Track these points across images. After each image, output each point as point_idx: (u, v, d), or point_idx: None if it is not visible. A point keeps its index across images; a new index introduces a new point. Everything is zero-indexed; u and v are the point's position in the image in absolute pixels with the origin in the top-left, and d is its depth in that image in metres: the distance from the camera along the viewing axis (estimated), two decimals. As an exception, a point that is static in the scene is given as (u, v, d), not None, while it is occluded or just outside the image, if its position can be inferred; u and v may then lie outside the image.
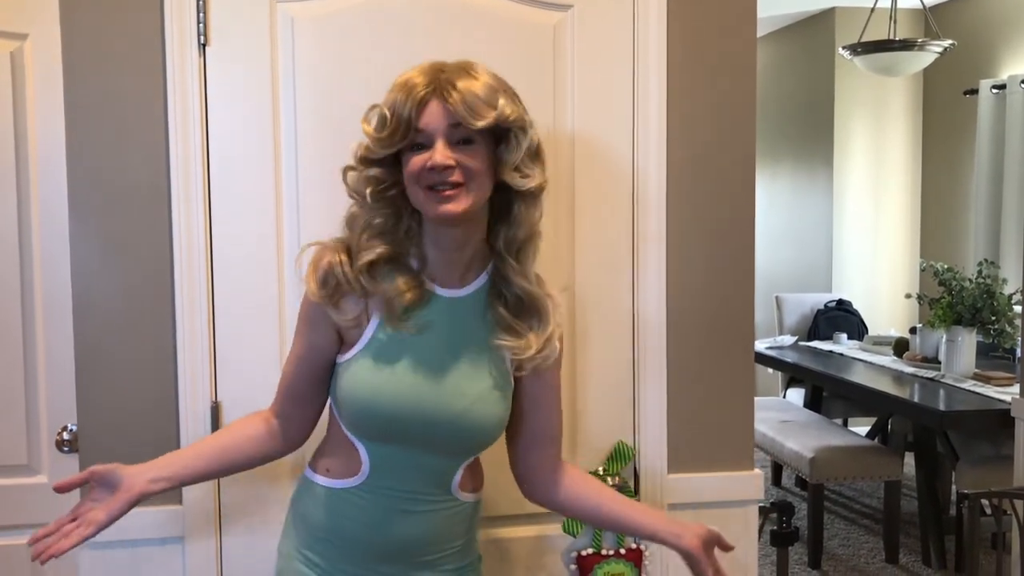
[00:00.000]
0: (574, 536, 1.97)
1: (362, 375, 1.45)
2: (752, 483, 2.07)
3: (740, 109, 2.02)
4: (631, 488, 2.01)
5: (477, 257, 1.49)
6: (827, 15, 6.45)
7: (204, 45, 1.81)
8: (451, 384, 1.47)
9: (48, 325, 2.08)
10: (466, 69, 1.38)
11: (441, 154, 1.34)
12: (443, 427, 1.47)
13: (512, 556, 1.99)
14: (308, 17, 1.84)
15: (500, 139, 1.40)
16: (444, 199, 1.36)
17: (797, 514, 4.36)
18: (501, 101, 1.36)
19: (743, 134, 2.03)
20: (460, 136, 1.36)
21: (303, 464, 1.65)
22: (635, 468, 2.02)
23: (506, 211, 1.45)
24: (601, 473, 1.99)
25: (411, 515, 1.52)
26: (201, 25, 1.80)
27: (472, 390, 1.47)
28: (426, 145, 1.36)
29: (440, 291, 1.48)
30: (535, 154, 1.43)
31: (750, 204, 2.06)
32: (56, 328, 2.07)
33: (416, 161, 1.36)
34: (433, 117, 1.35)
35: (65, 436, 2.09)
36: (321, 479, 1.56)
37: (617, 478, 1.99)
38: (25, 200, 2.06)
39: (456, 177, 1.36)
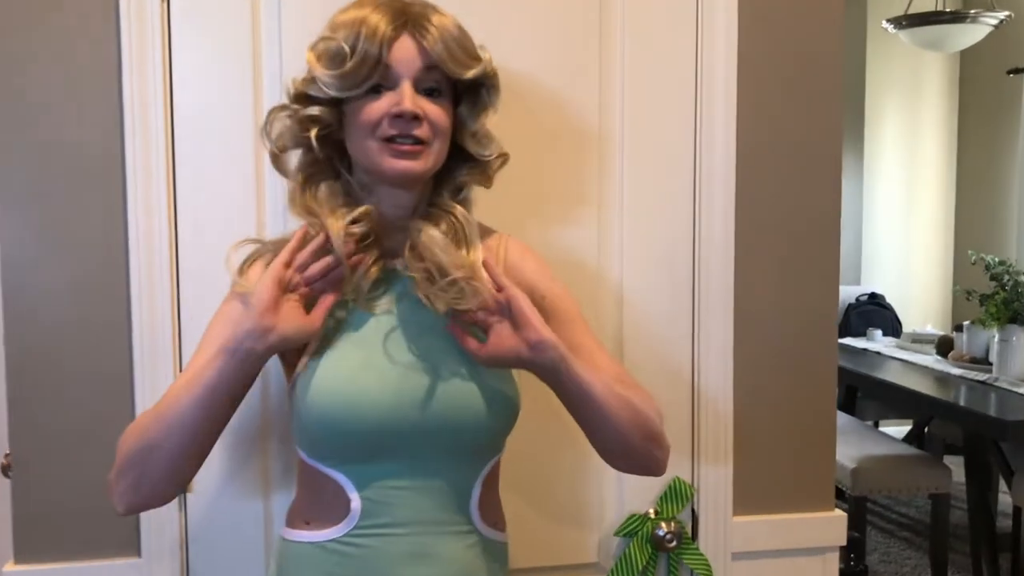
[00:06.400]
0: (621, 593, 1.62)
1: (321, 377, 1.18)
2: (833, 526, 1.75)
3: (823, 86, 1.70)
4: (688, 534, 1.67)
5: None
6: (859, -12, 6.09)
7: (167, -11, 1.46)
8: (432, 360, 1.20)
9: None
10: (430, 5, 1.19)
11: (411, 100, 1.14)
12: (438, 414, 1.17)
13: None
14: (298, -48, 1.49)
15: (461, 97, 1.22)
16: (404, 154, 1.16)
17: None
18: (482, 51, 1.20)
19: (827, 117, 1.72)
20: (429, 84, 1.17)
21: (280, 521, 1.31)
22: (693, 509, 1.69)
23: (449, 177, 1.26)
24: (653, 516, 1.65)
25: (425, 560, 1.20)
26: (162, -38, 1.45)
27: (457, 361, 1.20)
28: (386, 88, 1.16)
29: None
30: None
31: (835, 202, 1.74)
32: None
33: (375, 107, 1.16)
34: (405, 54, 1.15)
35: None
36: (301, 535, 1.24)
37: (673, 523, 1.64)
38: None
39: (422, 131, 1.16)
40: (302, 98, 1.19)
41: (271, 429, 1.54)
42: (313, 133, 1.18)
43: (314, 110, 1.18)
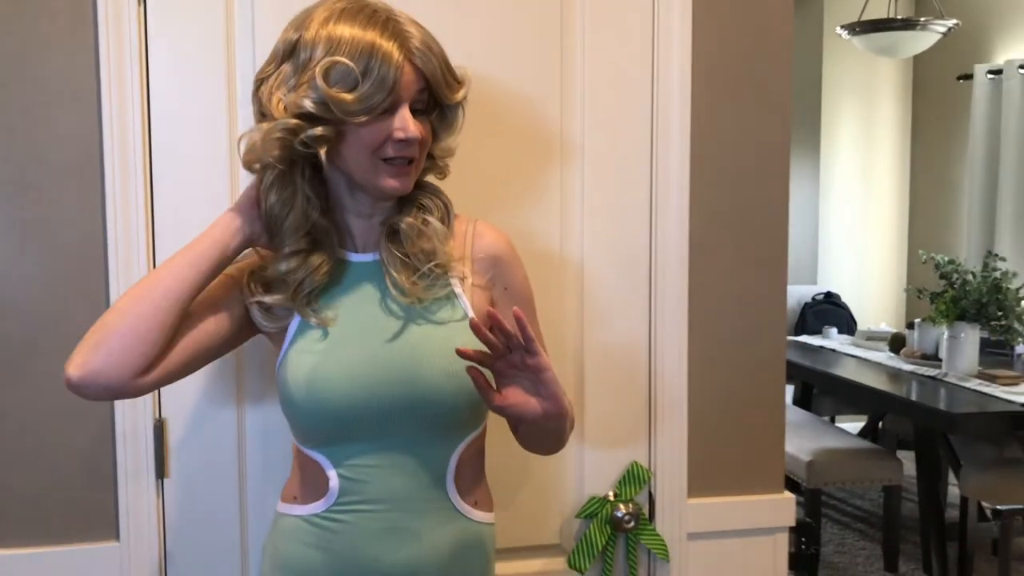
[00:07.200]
0: (582, 572, 1.70)
1: (288, 366, 1.26)
2: (783, 508, 1.83)
3: (773, 85, 1.78)
4: (645, 515, 1.75)
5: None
6: (815, -5, 6.21)
7: (144, -9, 1.51)
8: (390, 341, 1.25)
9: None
10: (406, 17, 1.22)
11: (414, 125, 1.20)
12: (397, 392, 1.23)
13: (510, 595, 1.71)
14: (272, -42, 1.54)
15: (431, 108, 1.26)
16: (398, 173, 1.23)
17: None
18: (459, 69, 1.26)
19: (776, 114, 1.79)
20: (418, 104, 1.23)
21: (261, 503, 1.37)
22: (650, 492, 1.76)
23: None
24: (612, 499, 1.72)
25: (403, 537, 1.26)
26: (141, -34, 1.49)
27: (414, 341, 1.25)
28: (390, 110, 1.19)
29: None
30: None
31: (783, 196, 1.82)
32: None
33: (379, 130, 1.20)
34: (407, 78, 1.19)
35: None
36: (290, 508, 1.32)
37: (631, 505, 1.72)
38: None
39: (414, 152, 1.23)
40: (308, 117, 1.18)
41: (245, 416, 1.59)
42: (323, 152, 1.19)
43: (319, 130, 1.17)
